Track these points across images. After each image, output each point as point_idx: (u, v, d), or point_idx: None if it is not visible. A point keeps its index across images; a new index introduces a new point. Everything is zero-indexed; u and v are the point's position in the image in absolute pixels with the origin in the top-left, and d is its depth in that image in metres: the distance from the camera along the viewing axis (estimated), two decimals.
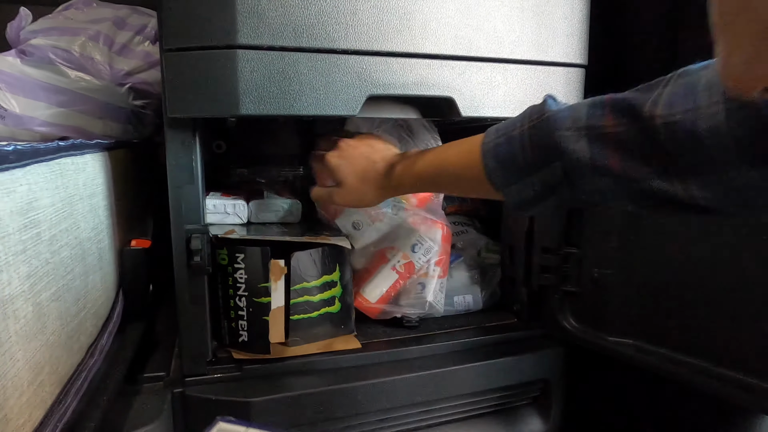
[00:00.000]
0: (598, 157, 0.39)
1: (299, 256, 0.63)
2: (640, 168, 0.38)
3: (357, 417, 0.61)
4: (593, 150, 0.40)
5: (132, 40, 0.75)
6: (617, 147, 0.39)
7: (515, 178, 0.45)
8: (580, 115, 0.41)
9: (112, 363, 0.52)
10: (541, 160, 0.43)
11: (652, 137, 0.36)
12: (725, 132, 0.32)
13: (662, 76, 0.38)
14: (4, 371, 0.31)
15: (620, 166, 0.39)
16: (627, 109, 0.38)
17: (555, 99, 0.45)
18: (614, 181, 0.40)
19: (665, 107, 0.36)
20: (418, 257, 0.71)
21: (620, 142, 0.38)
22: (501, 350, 0.68)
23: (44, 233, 0.38)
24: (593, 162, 0.40)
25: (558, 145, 0.41)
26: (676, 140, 0.35)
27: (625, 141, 0.38)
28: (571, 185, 0.42)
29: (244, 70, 0.50)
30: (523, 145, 0.44)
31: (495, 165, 0.46)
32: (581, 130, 0.40)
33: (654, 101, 0.37)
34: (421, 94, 0.58)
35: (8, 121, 0.66)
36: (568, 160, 0.41)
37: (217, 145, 0.88)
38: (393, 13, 0.54)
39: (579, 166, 0.41)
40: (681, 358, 0.57)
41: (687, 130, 0.34)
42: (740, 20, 0.17)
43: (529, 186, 0.44)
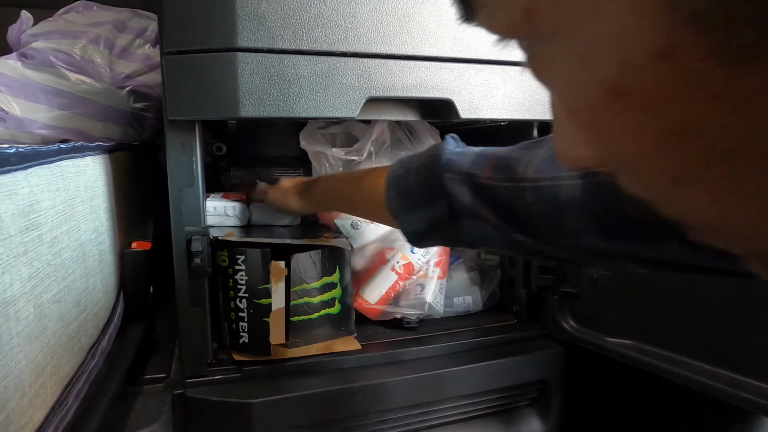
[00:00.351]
0: (476, 203, 0.41)
1: (299, 257, 0.63)
2: (509, 222, 0.39)
3: (357, 418, 0.61)
4: (473, 197, 0.41)
5: (132, 43, 0.75)
6: (491, 199, 0.40)
7: (409, 210, 0.47)
8: (466, 162, 0.42)
9: (112, 364, 0.53)
10: (431, 196, 0.44)
11: (519, 197, 0.38)
12: (581, 204, 0.33)
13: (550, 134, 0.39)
14: (5, 372, 0.31)
15: (493, 217, 0.40)
16: (504, 166, 0.40)
17: (456, 140, 0.47)
18: (492, 228, 0.41)
19: (535, 171, 0.37)
20: (418, 258, 0.71)
21: (493, 196, 0.40)
22: (500, 351, 0.68)
23: (45, 235, 0.38)
24: (473, 208, 0.41)
25: (444, 186, 0.43)
26: (540, 205, 0.36)
27: (497, 195, 0.39)
28: (456, 225, 0.44)
29: (244, 72, 0.50)
30: (417, 179, 0.46)
31: (394, 194, 0.48)
32: (465, 176, 0.42)
33: (527, 163, 0.38)
34: (420, 96, 0.58)
35: (9, 124, 0.66)
36: (452, 201, 0.43)
37: (218, 147, 0.89)
38: (392, 15, 0.55)
39: (462, 209, 0.42)
40: (680, 358, 0.57)
41: (550, 197, 0.35)
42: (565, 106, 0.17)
43: (420, 220, 0.46)
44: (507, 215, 0.39)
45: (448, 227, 0.44)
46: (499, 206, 0.40)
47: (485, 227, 0.41)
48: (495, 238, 0.42)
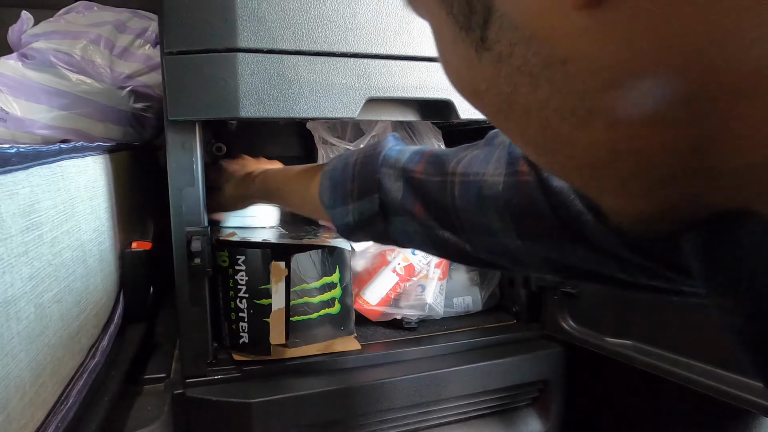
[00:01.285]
0: (406, 199, 0.42)
1: (299, 257, 0.63)
2: (435, 218, 0.40)
3: (357, 418, 0.61)
4: (405, 192, 0.42)
5: (133, 43, 0.76)
6: (422, 194, 0.41)
7: (341, 202, 0.47)
8: (402, 158, 0.44)
9: (112, 364, 0.53)
10: (364, 190, 0.45)
11: (447, 192, 0.39)
12: (502, 203, 0.35)
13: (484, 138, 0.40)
14: (6, 372, 0.31)
15: (421, 212, 0.41)
16: (437, 162, 0.41)
17: (396, 138, 0.48)
18: (418, 225, 0.42)
19: (464, 167, 0.38)
20: (419, 259, 0.71)
21: (424, 191, 0.41)
22: (500, 351, 0.68)
23: (46, 235, 0.38)
24: (402, 203, 0.42)
25: (379, 181, 0.44)
26: (465, 199, 0.37)
27: (428, 191, 0.41)
28: (385, 220, 0.45)
29: (244, 73, 0.50)
30: (353, 173, 0.47)
31: (327, 186, 0.48)
32: (399, 170, 0.43)
33: (459, 160, 0.39)
34: (420, 96, 0.58)
35: (10, 124, 0.66)
36: (384, 195, 0.44)
37: (218, 148, 0.89)
38: (392, 16, 0.55)
39: (392, 203, 0.43)
40: (679, 358, 0.57)
41: (474, 192, 0.37)
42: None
43: (350, 212, 0.47)
44: (434, 210, 0.40)
45: (377, 223, 0.45)
46: (428, 201, 0.41)
47: (413, 224, 0.42)
48: (420, 235, 0.43)
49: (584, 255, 0.31)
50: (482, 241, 0.38)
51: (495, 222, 0.36)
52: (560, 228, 0.32)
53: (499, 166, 0.35)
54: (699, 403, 0.64)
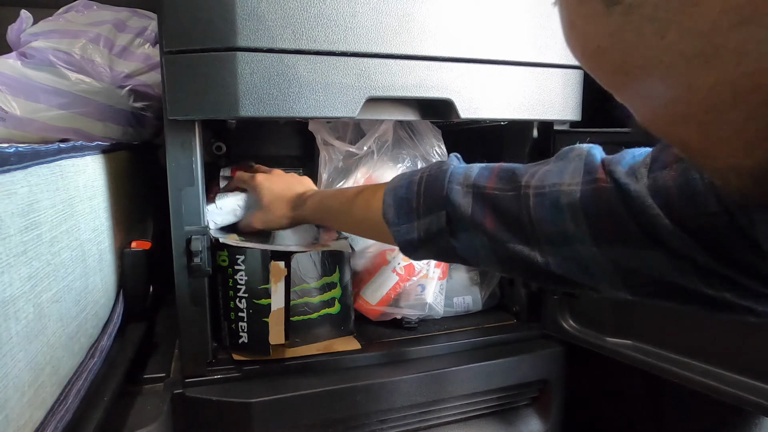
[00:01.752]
0: (477, 213, 0.43)
1: (299, 257, 0.63)
2: (508, 230, 0.41)
3: (357, 418, 0.61)
4: (474, 207, 0.43)
5: (132, 42, 0.75)
6: (493, 208, 0.42)
7: (405, 219, 0.48)
8: (471, 174, 0.45)
9: (112, 364, 0.53)
10: (431, 207, 0.46)
11: (522, 204, 0.40)
12: (579, 209, 0.36)
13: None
14: (5, 372, 0.31)
15: (492, 226, 0.42)
16: (510, 176, 0.42)
17: (459, 158, 0.49)
18: (487, 239, 0.42)
19: (539, 180, 0.39)
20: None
21: (496, 204, 0.42)
22: (500, 351, 0.68)
23: (45, 234, 0.38)
24: (472, 217, 0.43)
25: (447, 197, 0.45)
26: (540, 210, 0.39)
27: (500, 204, 0.41)
28: (452, 235, 0.45)
29: (243, 72, 0.50)
30: (419, 190, 0.47)
31: (391, 203, 0.49)
32: (469, 186, 0.44)
33: (532, 174, 0.40)
34: (420, 95, 0.58)
35: (9, 123, 0.66)
36: (452, 211, 0.44)
37: (217, 147, 0.89)
38: (392, 15, 0.55)
39: (461, 218, 0.44)
40: (679, 358, 0.57)
41: (550, 203, 0.38)
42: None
43: (415, 229, 0.47)
44: (508, 223, 0.41)
45: (444, 239, 0.45)
46: (501, 214, 0.41)
47: (481, 238, 0.43)
48: (488, 250, 0.43)
49: (661, 261, 0.32)
50: (556, 251, 0.39)
51: (570, 228, 0.37)
52: (637, 232, 0.32)
53: (576, 175, 0.37)
54: (699, 402, 0.64)
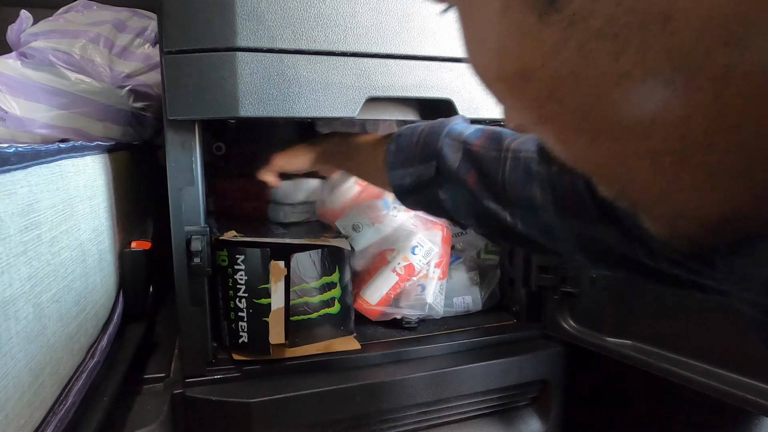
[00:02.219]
0: (462, 168, 0.45)
1: (299, 257, 0.63)
2: (485, 188, 0.44)
3: (357, 418, 0.61)
4: (461, 162, 0.46)
5: (132, 42, 0.75)
6: (477, 165, 0.44)
7: (401, 164, 0.51)
8: (464, 131, 0.47)
9: (112, 364, 0.53)
10: (424, 157, 0.49)
11: (499, 165, 0.42)
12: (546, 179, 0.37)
13: None
14: (5, 372, 0.31)
15: (473, 182, 0.44)
16: (496, 138, 0.44)
17: (465, 119, 0.52)
18: (468, 194, 0.45)
19: (518, 144, 0.41)
20: (419, 259, 0.71)
21: (479, 162, 0.44)
22: (500, 351, 0.68)
23: (45, 235, 0.38)
24: (458, 171, 0.46)
25: (440, 149, 0.47)
26: (514, 174, 0.41)
27: (483, 162, 0.44)
28: (439, 186, 0.48)
29: (243, 72, 0.50)
30: (418, 140, 0.50)
31: (393, 149, 0.52)
32: (460, 142, 0.47)
33: (515, 138, 0.42)
34: (420, 95, 0.58)
35: (9, 123, 0.66)
36: (442, 162, 0.47)
37: (217, 147, 0.89)
38: (392, 15, 0.55)
39: (448, 171, 0.47)
40: (680, 358, 0.57)
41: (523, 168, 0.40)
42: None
43: (408, 175, 0.50)
44: (486, 180, 0.43)
45: (431, 188, 0.49)
46: (481, 172, 0.44)
47: (462, 193, 0.46)
48: (467, 205, 0.46)
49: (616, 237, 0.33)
50: (524, 215, 0.40)
51: (538, 197, 0.38)
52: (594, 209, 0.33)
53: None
54: (699, 402, 0.64)
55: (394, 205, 0.72)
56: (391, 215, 0.72)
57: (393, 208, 0.72)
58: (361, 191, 0.72)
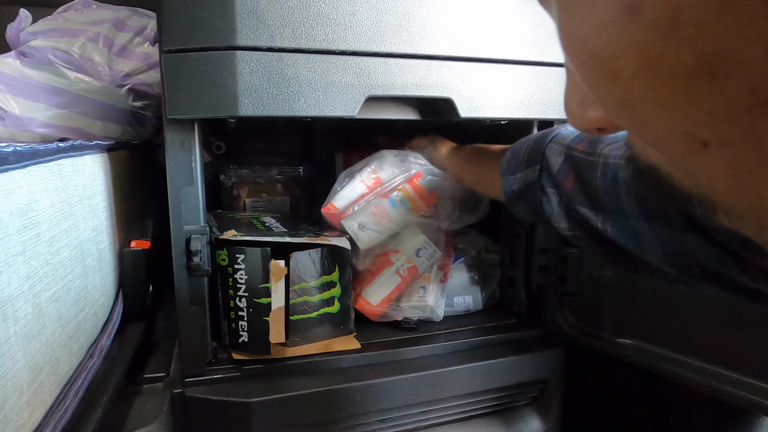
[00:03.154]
0: (561, 172, 0.46)
1: (298, 256, 0.63)
2: (580, 193, 0.44)
3: (356, 417, 0.61)
4: (562, 165, 0.46)
5: (131, 41, 0.75)
6: (576, 170, 0.45)
7: (512, 170, 0.53)
8: (570, 136, 0.48)
9: (111, 364, 0.53)
10: (531, 161, 0.50)
11: (593, 169, 0.42)
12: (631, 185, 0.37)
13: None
14: (3, 372, 0.31)
15: (570, 186, 0.45)
16: (594, 141, 0.44)
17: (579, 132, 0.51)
18: (565, 198, 0.46)
19: (609, 149, 0.41)
20: (422, 261, 0.71)
21: (578, 167, 0.44)
22: (500, 350, 0.68)
23: (43, 234, 0.38)
24: (557, 175, 0.46)
25: (544, 153, 0.49)
26: (604, 180, 0.41)
27: (580, 167, 0.44)
28: (541, 189, 0.49)
29: (243, 71, 0.50)
30: (528, 146, 0.52)
31: (507, 156, 0.54)
32: (564, 147, 0.47)
33: (609, 142, 0.42)
34: (420, 95, 0.58)
35: (8, 122, 0.66)
36: (545, 166, 0.48)
37: (217, 146, 0.89)
38: (392, 13, 0.54)
39: (549, 174, 0.48)
40: (680, 358, 0.57)
41: (612, 174, 0.40)
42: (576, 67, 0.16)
43: (517, 180, 0.52)
44: (582, 185, 0.44)
45: (536, 192, 0.49)
46: (579, 177, 0.44)
47: (560, 196, 0.46)
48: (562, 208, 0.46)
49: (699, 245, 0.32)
50: (615, 221, 0.40)
51: (624, 202, 0.38)
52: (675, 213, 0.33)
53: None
54: (700, 402, 0.64)
55: (399, 204, 0.72)
56: (396, 215, 0.71)
57: (398, 207, 0.72)
58: (367, 191, 0.72)
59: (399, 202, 0.71)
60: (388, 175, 0.72)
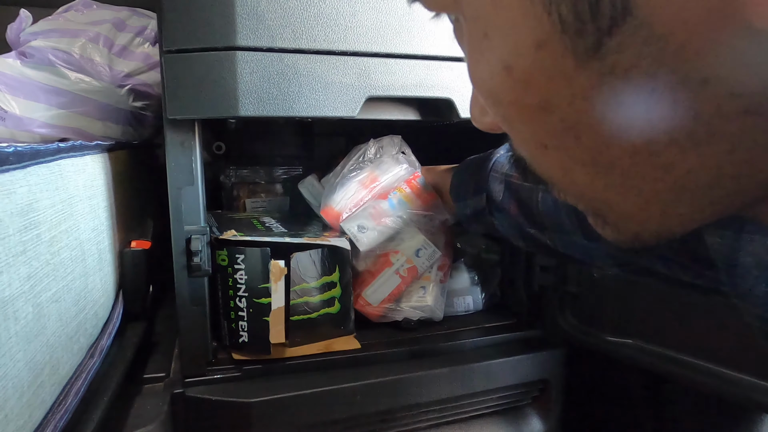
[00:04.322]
0: (505, 199, 0.50)
1: (299, 256, 0.63)
2: (525, 217, 0.48)
3: (356, 418, 0.61)
4: (504, 193, 0.50)
5: (132, 41, 0.75)
6: (516, 196, 0.49)
7: (462, 197, 0.57)
8: (506, 164, 0.52)
9: (112, 364, 0.53)
10: (477, 188, 0.54)
11: (533, 196, 0.46)
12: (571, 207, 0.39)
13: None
14: (4, 372, 0.31)
15: (515, 212, 0.49)
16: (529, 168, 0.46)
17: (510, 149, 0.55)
18: (513, 221, 0.50)
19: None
20: (422, 262, 0.71)
21: (518, 193, 0.49)
22: (501, 351, 0.68)
23: (44, 234, 0.38)
24: (502, 202, 0.50)
25: (487, 181, 0.53)
26: (545, 203, 0.45)
27: (521, 193, 0.48)
28: (490, 214, 0.53)
29: (243, 71, 0.50)
30: (472, 173, 0.56)
31: (455, 183, 0.60)
32: (503, 175, 0.51)
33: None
34: (421, 95, 0.58)
35: (8, 122, 0.66)
36: (489, 194, 0.52)
37: (217, 147, 0.89)
38: (392, 14, 0.54)
39: (495, 202, 0.52)
40: (681, 357, 0.57)
41: (552, 199, 0.43)
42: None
43: (468, 206, 0.56)
44: (524, 210, 0.48)
45: (486, 216, 0.54)
46: (520, 202, 0.48)
47: (509, 220, 0.50)
48: (514, 230, 0.51)
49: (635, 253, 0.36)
50: (560, 238, 0.44)
51: (567, 223, 0.42)
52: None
53: None
54: (701, 401, 0.64)
55: (398, 205, 0.72)
56: (396, 216, 0.71)
57: (397, 207, 0.72)
58: (366, 193, 0.72)
59: (398, 203, 0.71)
60: (386, 176, 0.72)
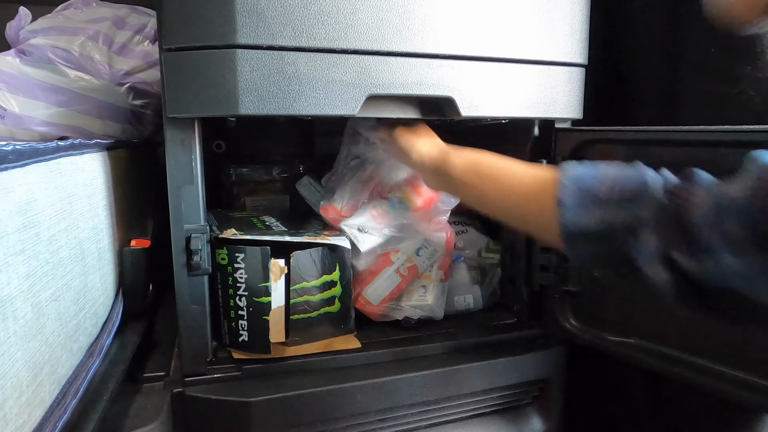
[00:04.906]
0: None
1: (299, 255, 0.63)
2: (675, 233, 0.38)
3: (357, 417, 0.61)
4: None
5: (131, 39, 0.75)
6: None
7: (587, 205, 0.43)
8: (671, 179, 0.42)
9: (111, 363, 0.52)
10: (622, 200, 0.41)
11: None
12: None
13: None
14: (3, 371, 0.31)
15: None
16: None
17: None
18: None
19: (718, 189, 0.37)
20: (422, 261, 0.71)
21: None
22: (501, 350, 0.68)
23: (43, 233, 0.38)
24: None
25: (647, 193, 0.41)
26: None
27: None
28: (634, 236, 0.41)
29: (243, 69, 0.50)
30: (614, 182, 0.42)
31: (572, 188, 0.43)
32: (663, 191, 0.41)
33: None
34: (421, 93, 0.58)
35: (8, 120, 0.66)
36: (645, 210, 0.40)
37: (217, 145, 0.88)
38: (393, 12, 0.54)
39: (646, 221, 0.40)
40: (681, 356, 0.57)
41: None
42: None
43: (593, 216, 0.42)
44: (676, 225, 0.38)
45: (622, 234, 0.41)
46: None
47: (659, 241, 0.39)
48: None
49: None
50: (714, 259, 0.36)
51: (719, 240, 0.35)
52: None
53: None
54: (702, 401, 0.64)
55: (399, 205, 0.72)
56: (397, 216, 0.71)
57: (398, 208, 0.72)
58: (366, 192, 0.72)
59: (398, 203, 0.71)
60: (386, 176, 0.72)
